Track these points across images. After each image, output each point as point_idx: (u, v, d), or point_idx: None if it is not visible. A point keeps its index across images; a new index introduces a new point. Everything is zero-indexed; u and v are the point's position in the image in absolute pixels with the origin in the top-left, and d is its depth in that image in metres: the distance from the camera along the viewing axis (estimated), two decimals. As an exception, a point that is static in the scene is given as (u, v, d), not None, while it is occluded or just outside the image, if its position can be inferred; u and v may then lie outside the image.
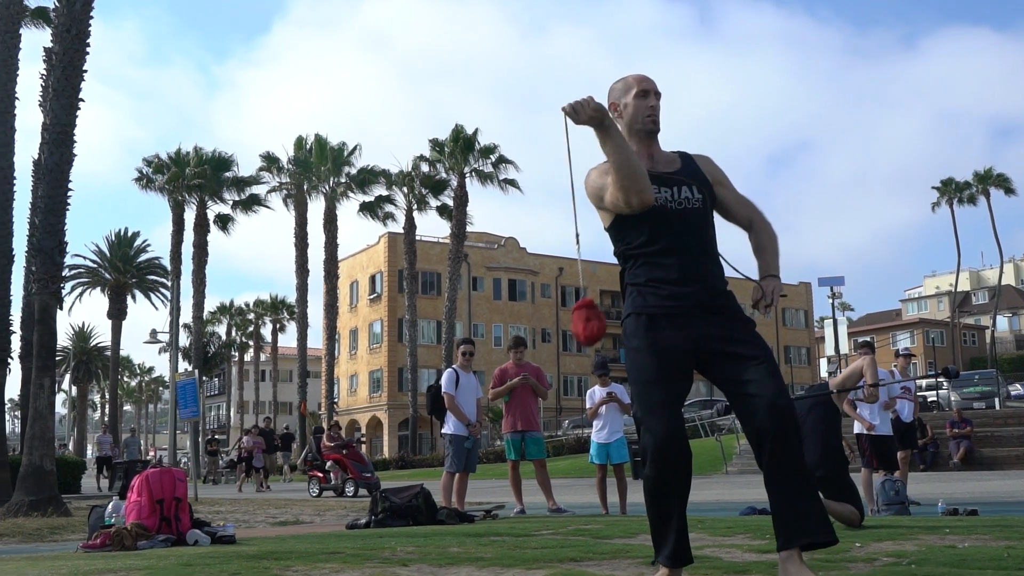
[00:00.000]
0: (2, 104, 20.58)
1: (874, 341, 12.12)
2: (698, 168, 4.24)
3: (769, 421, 3.81)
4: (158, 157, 51.20)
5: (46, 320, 15.77)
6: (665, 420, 3.96)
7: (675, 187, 4.11)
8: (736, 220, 4.35)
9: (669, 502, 4.01)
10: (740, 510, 10.39)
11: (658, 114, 4.26)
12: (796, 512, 3.84)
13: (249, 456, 28.44)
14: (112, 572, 5.03)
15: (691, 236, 4.08)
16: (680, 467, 4.01)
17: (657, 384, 3.99)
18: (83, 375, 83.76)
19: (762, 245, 4.27)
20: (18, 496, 14.73)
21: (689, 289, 4.02)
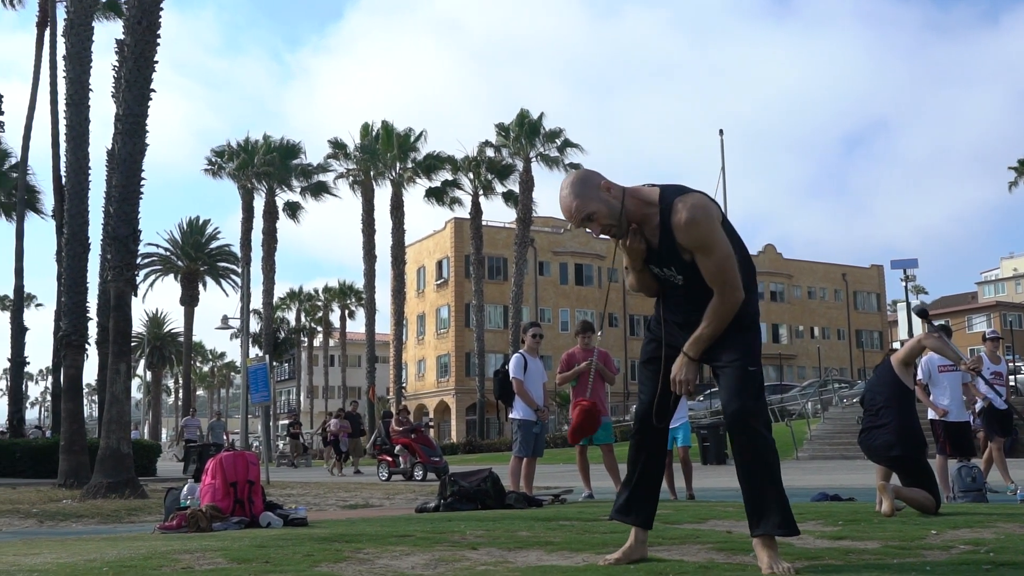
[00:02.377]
0: (76, 96, 20.99)
1: (950, 324, 11.78)
2: (674, 245, 4.43)
3: (727, 422, 4.39)
4: (229, 145, 51.89)
5: (121, 307, 16.06)
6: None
7: (663, 267, 4.52)
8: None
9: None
10: (811, 496, 10.28)
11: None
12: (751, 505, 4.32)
13: (336, 439, 28.80)
14: (188, 553, 5.13)
15: (682, 299, 4.55)
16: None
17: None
18: (157, 360, 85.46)
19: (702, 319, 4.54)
20: (96, 478, 15.05)
21: (686, 333, 4.51)
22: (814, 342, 77.21)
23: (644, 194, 4.41)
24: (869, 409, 7.94)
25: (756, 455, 4.28)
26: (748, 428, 4.28)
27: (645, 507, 4.65)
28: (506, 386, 11.48)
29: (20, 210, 32.83)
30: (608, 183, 4.39)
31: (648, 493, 4.69)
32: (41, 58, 32.04)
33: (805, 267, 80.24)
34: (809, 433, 30.45)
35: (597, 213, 4.32)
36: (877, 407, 7.81)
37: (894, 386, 7.81)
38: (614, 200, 4.34)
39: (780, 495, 4.25)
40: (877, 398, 7.88)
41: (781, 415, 37.23)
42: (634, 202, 4.37)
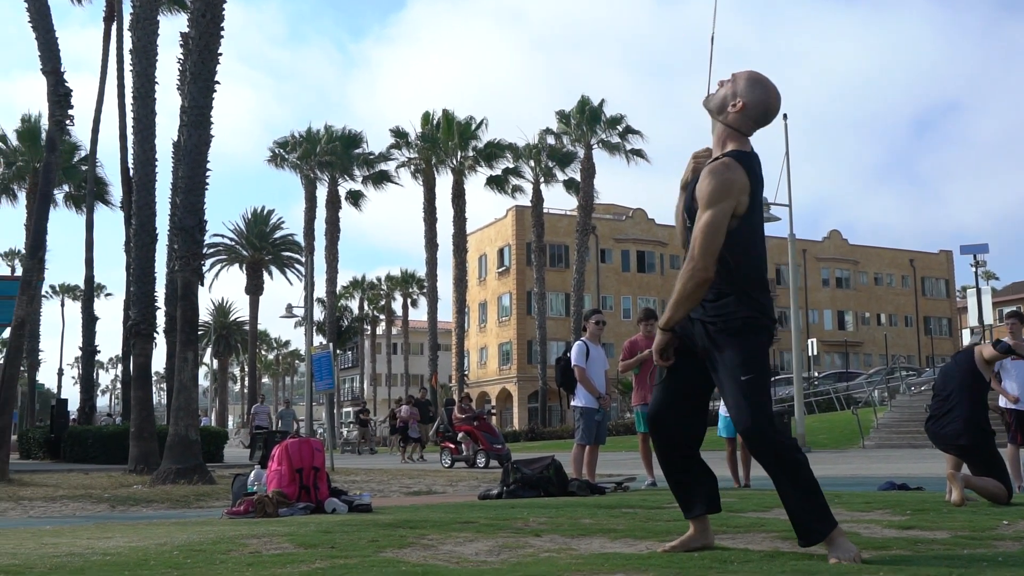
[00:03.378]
0: (143, 89, 21.31)
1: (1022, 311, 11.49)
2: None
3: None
4: (292, 136, 52.40)
5: (188, 296, 16.30)
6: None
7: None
8: None
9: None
10: (879, 485, 10.14)
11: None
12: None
13: (405, 426, 29.05)
14: (256, 538, 5.20)
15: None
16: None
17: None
18: (223, 349, 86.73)
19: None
20: (165, 464, 15.31)
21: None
22: (881, 329, 76.08)
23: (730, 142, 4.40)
24: (939, 394, 7.82)
25: (780, 471, 4.16)
26: (761, 448, 4.19)
27: (700, 494, 4.58)
28: (568, 374, 11.47)
29: (90, 202, 33.48)
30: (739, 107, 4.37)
31: (695, 480, 4.61)
32: (108, 52, 32.64)
33: (872, 253, 79.05)
34: (876, 421, 30.05)
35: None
36: (947, 392, 7.69)
37: (970, 375, 7.69)
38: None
39: (812, 498, 4.13)
40: (949, 384, 7.76)
41: (847, 403, 36.80)
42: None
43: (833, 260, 76.05)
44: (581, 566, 4.01)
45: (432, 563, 4.23)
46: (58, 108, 17.39)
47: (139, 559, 4.43)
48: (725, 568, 3.89)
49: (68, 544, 5.23)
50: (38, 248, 17.47)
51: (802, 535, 4.15)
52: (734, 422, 4.25)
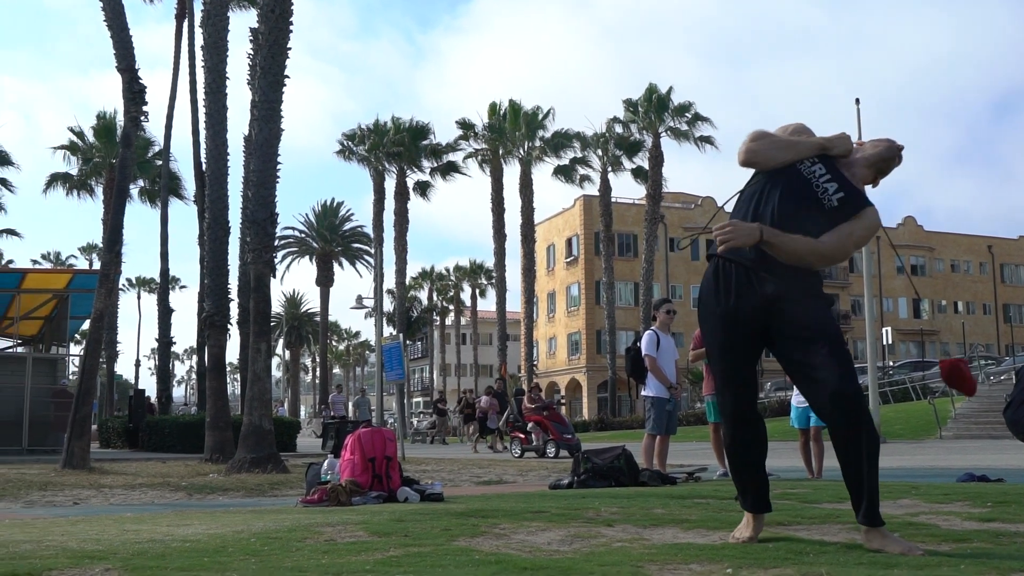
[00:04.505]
0: (214, 84, 21.65)
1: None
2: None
3: (839, 404, 4.16)
4: (359, 128, 52.79)
5: (261, 288, 16.51)
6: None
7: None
8: None
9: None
10: (957, 476, 9.95)
11: None
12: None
13: (484, 416, 29.19)
14: (330, 526, 5.26)
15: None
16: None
17: None
18: (295, 340, 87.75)
19: None
20: (240, 453, 15.54)
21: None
22: (958, 317, 74.61)
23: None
24: (1021, 382, 7.63)
25: (872, 443, 4.09)
26: (864, 413, 4.09)
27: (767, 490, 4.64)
28: (638, 363, 11.42)
29: (164, 196, 34.09)
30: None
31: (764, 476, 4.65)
32: (180, 49, 33.21)
33: (948, 239, 77.52)
34: (953, 412, 29.49)
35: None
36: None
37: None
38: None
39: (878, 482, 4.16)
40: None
41: (923, 393, 36.14)
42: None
43: (907, 247, 74.70)
44: (655, 556, 4.00)
45: (505, 552, 4.24)
46: (133, 105, 17.71)
47: (217, 546, 4.50)
48: (801, 559, 3.85)
49: (149, 531, 5.34)
50: (115, 242, 17.82)
51: (872, 515, 4.09)
52: (845, 383, 4.05)
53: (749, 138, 4.29)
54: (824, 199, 4.26)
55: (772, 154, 4.27)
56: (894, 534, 4.16)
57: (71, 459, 15.69)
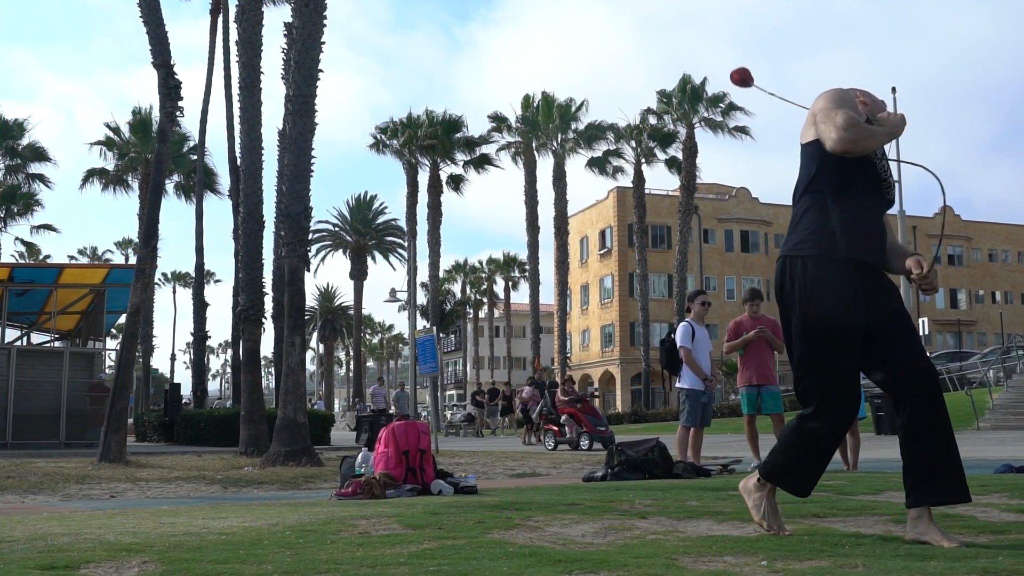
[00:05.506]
0: (248, 79, 21.75)
1: None
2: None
3: (922, 382, 4.18)
4: (392, 121, 52.88)
5: (295, 282, 16.58)
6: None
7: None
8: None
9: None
10: (995, 467, 9.84)
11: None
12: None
13: (525, 407, 29.20)
14: (365, 519, 5.28)
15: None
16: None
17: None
18: (329, 333, 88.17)
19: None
20: (275, 447, 15.62)
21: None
22: (996, 307, 73.80)
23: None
24: None
25: (947, 419, 4.12)
26: (940, 389, 4.13)
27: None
28: (673, 355, 11.38)
29: (199, 191, 34.35)
30: (862, 97, 4.45)
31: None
32: (215, 44, 33.40)
33: (986, 228, 76.66)
34: (991, 402, 29.17)
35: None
36: None
37: None
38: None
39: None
40: None
41: (960, 384, 35.78)
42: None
43: (945, 236, 73.93)
44: (689, 548, 3.98)
45: (539, 544, 4.24)
46: (168, 100, 17.83)
47: (253, 539, 4.53)
48: (836, 551, 3.82)
49: (185, 524, 5.38)
50: (151, 237, 17.97)
51: (964, 487, 4.12)
52: (927, 362, 4.15)
53: (842, 126, 4.06)
54: (886, 190, 4.35)
55: (866, 144, 4.15)
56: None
57: (108, 453, 15.84)
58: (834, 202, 4.20)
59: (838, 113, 4.11)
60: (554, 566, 3.59)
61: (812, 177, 4.27)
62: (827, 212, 4.20)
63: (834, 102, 4.20)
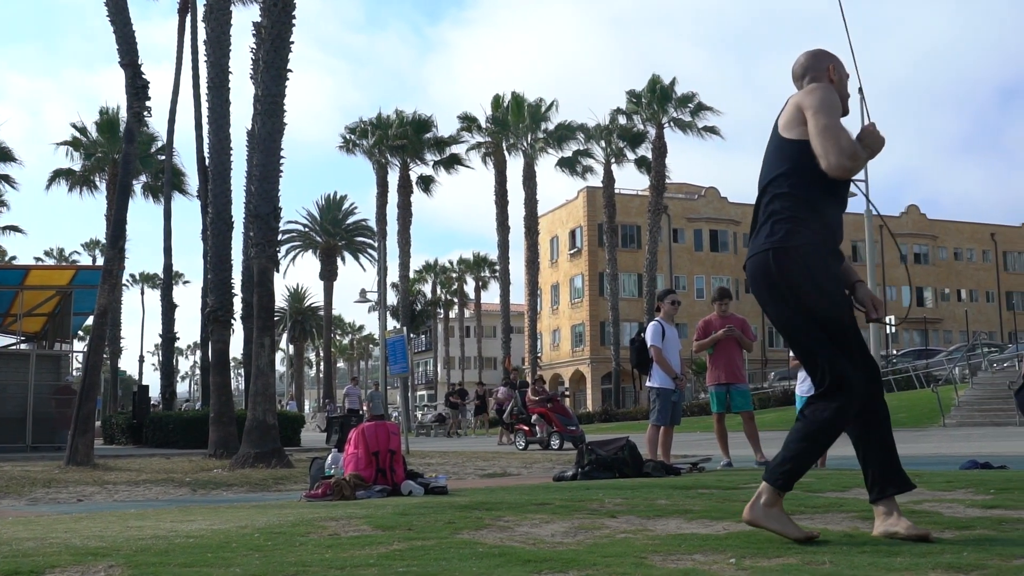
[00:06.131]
0: (217, 79, 21.63)
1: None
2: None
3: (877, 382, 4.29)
4: (361, 122, 52.74)
5: (264, 283, 16.50)
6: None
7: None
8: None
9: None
10: (960, 464, 9.96)
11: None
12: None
13: (501, 408, 29.16)
14: (334, 520, 5.26)
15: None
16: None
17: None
18: (299, 334, 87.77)
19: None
20: (244, 448, 15.54)
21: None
22: (961, 305, 74.55)
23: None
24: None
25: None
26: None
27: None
28: (643, 355, 11.42)
29: (167, 191, 34.11)
30: (834, 70, 4.45)
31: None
32: (183, 44, 33.18)
33: (951, 227, 77.43)
34: (957, 399, 29.48)
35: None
36: None
37: None
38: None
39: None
40: None
41: (927, 381, 36.13)
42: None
43: (911, 235, 74.63)
44: (658, 547, 4.00)
45: (509, 544, 4.24)
46: (136, 100, 17.70)
47: (221, 541, 4.51)
48: (804, 549, 3.85)
49: (152, 527, 5.35)
50: (118, 238, 17.83)
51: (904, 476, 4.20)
52: (876, 363, 4.27)
53: (848, 155, 4.03)
54: (847, 190, 4.43)
55: (859, 169, 4.24)
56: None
57: (75, 456, 15.70)
58: (819, 197, 4.19)
59: (843, 136, 4.06)
60: (524, 566, 3.59)
61: (797, 172, 4.20)
62: (815, 206, 4.18)
63: (829, 111, 4.15)
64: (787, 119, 4.30)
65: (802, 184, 4.20)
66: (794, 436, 4.15)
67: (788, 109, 4.32)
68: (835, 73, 4.42)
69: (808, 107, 4.19)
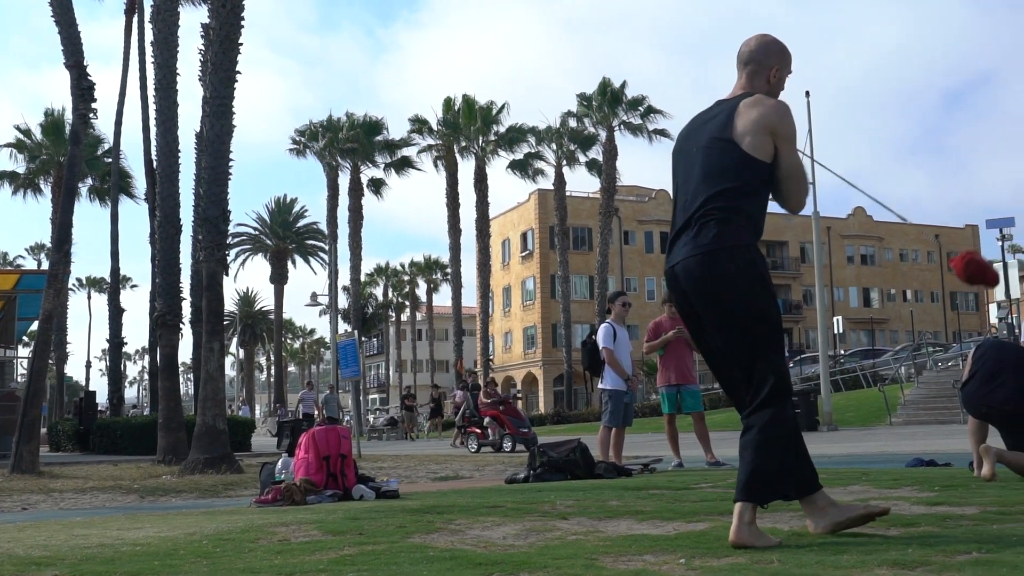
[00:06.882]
0: (164, 80, 21.38)
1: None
2: None
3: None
4: (311, 124, 52.45)
5: (214, 286, 16.35)
6: None
7: None
8: None
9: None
10: (906, 462, 10.09)
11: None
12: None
13: (459, 411, 29.07)
14: (284, 526, 5.22)
15: None
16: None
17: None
18: (249, 338, 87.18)
19: None
20: (194, 454, 15.39)
21: None
22: (907, 305, 75.65)
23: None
24: (987, 362, 7.78)
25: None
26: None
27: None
28: (594, 356, 11.46)
29: (114, 194, 33.66)
30: (776, 72, 4.37)
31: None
32: (130, 45, 32.75)
33: (896, 229, 78.53)
34: (903, 398, 29.90)
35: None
36: (1001, 366, 7.70)
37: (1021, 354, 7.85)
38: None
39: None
40: (1006, 356, 7.86)
41: (874, 380, 36.61)
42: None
43: (857, 237, 75.62)
44: (609, 548, 4.01)
45: (460, 548, 4.23)
46: (81, 101, 17.44)
47: (169, 549, 4.46)
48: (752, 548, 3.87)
49: (98, 535, 5.27)
50: (64, 241, 17.57)
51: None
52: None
53: (805, 197, 4.28)
54: None
55: None
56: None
57: (20, 463, 15.44)
58: (760, 217, 4.21)
59: (806, 179, 4.28)
60: (474, 569, 3.59)
61: (748, 189, 4.14)
62: (756, 224, 4.18)
63: (795, 136, 4.24)
64: (756, 139, 4.11)
65: (753, 203, 4.16)
66: (758, 446, 3.99)
67: (753, 125, 4.13)
68: (775, 76, 4.34)
69: (784, 138, 4.15)
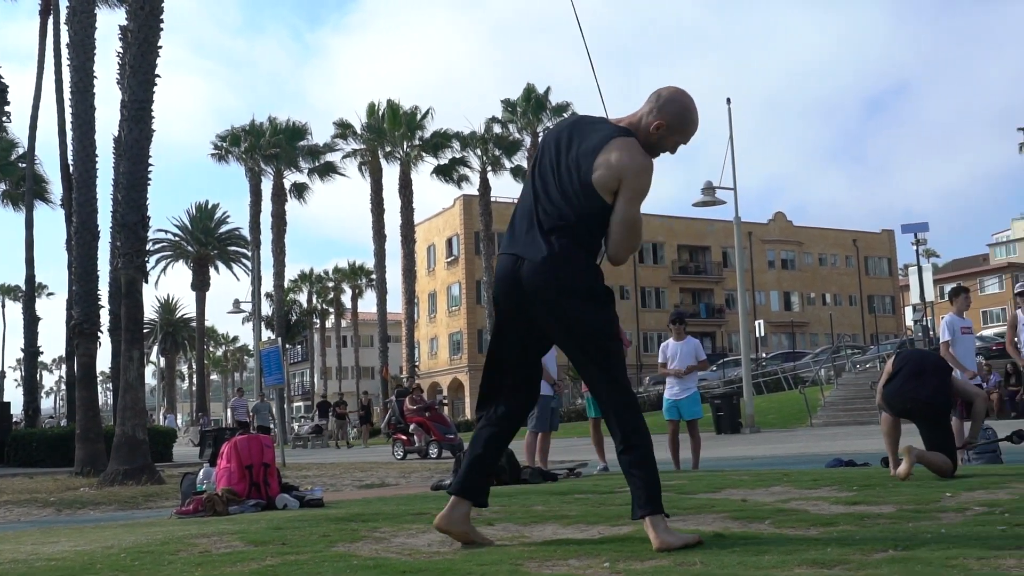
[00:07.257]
0: (81, 84, 20.97)
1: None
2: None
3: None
4: (233, 129, 51.83)
5: (132, 294, 16.09)
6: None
7: None
8: None
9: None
10: (826, 462, 10.27)
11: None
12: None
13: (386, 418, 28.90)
14: (205, 537, 5.14)
15: None
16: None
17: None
18: (170, 346, 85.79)
19: None
20: (113, 465, 15.11)
21: None
22: (826, 309, 77.04)
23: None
24: (911, 362, 7.99)
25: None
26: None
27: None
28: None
29: (29, 200, 32.89)
30: (661, 129, 4.20)
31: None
32: (45, 47, 32.01)
33: (815, 234, 79.97)
34: (823, 400, 30.46)
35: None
36: (924, 367, 7.91)
37: (942, 360, 8.29)
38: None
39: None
40: (928, 359, 8.18)
41: (794, 383, 37.22)
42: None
43: (778, 242, 76.84)
44: (534, 553, 4.01)
45: (384, 556, 4.20)
46: (-7, 105, 17.06)
47: (85, 563, 4.36)
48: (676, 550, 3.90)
49: (11, 551, 5.14)
50: (-24, 249, 17.13)
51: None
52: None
53: (629, 252, 4.24)
54: None
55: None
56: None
57: (-69, 476, 15.04)
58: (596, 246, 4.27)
59: (639, 234, 4.20)
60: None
61: (587, 224, 4.13)
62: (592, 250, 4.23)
63: (641, 202, 4.15)
64: (604, 176, 4.07)
65: (589, 236, 4.18)
66: (643, 463, 4.07)
67: (609, 165, 4.07)
68: (657, 131, 4.19)
69: (632, 192, 4.09)
